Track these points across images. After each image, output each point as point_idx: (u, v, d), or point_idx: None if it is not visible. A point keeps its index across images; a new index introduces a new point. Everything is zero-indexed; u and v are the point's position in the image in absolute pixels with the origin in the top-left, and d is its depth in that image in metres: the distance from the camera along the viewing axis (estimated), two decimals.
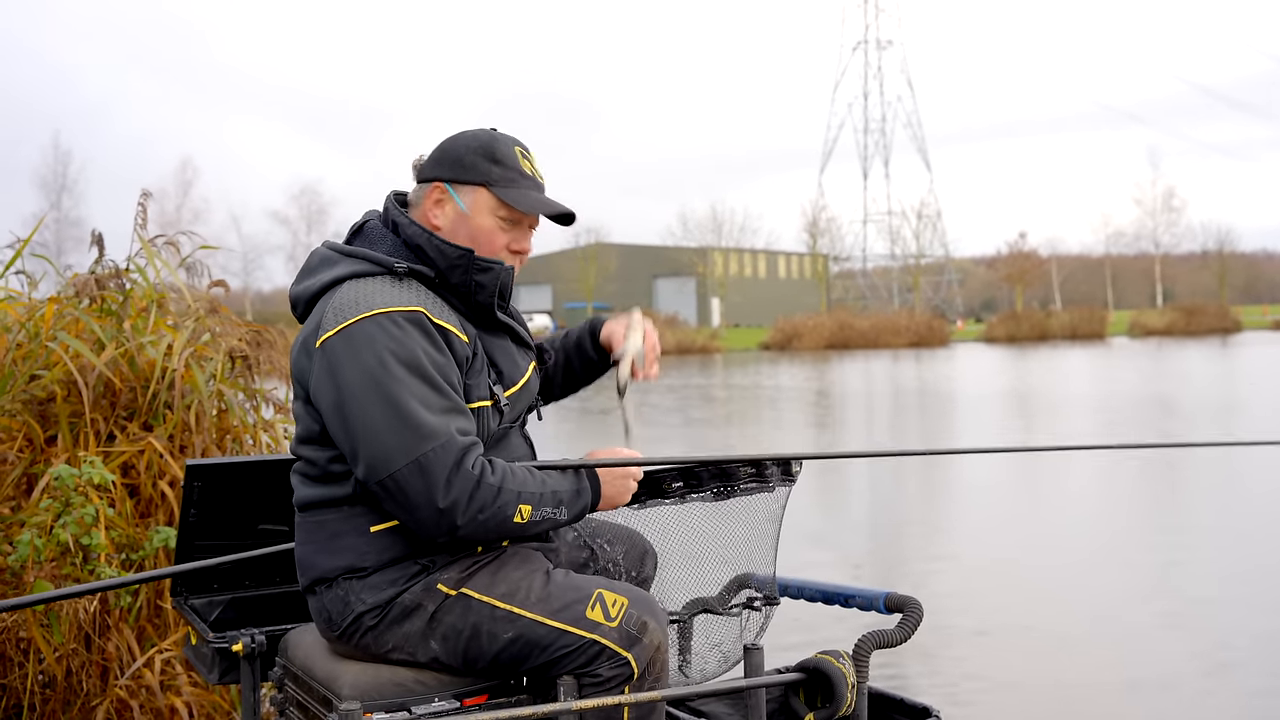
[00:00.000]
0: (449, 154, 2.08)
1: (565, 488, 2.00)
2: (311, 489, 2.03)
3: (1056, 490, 10.00)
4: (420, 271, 2.02)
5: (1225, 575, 6.55)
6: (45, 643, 3.23)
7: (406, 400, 1.87)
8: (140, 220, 4.11)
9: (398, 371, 1.88)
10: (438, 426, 1.87)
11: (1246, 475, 10.08)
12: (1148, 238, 79.86)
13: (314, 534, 2.03)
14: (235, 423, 3.94)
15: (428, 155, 2.11)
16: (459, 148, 2.08)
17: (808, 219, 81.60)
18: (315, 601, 2.04)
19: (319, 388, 1.95)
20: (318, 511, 2.02)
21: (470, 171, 2.06)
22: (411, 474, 1.85)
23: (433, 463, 1.85)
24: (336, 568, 1.99)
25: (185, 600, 2.47)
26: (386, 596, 1.97)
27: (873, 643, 2.07)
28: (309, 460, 2.03)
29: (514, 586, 1.99)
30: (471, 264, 2.02)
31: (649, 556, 2.34)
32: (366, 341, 1.90)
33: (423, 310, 1.95)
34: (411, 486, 1.86)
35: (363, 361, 1.89)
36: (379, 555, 1.98)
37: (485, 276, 2.04)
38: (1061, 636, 5.38)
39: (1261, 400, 17.71)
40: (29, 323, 3.81)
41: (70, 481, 3.17)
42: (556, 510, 1.98)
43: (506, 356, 2.10)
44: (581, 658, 1.96)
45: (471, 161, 2.06)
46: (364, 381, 1.89)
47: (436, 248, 2.03)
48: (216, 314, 4.21)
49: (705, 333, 53.74)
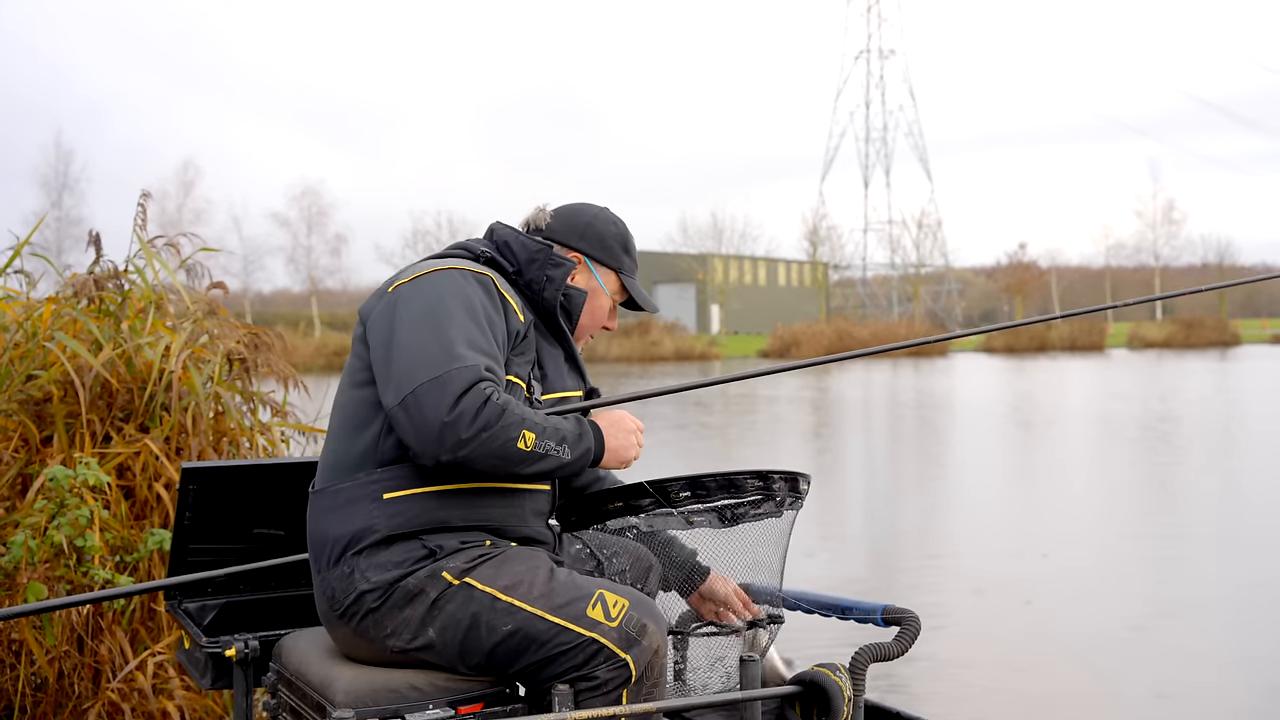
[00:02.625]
0: (593, 232, 2.32)
1: (568, 428, 2.06)
2: (335, 451, 2.10)
3: (1055, 502, 9.99)
4: (499, 261, 2.21)
5: (1224, 583, 6.54)
6: (37, 645, 3.22)
7: (450, 330, 1.98)
8: (140, 221, 4.10)
9: (452, 305, 2.02)
10: (468, 354, 1.96)
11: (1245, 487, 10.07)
12: (1148, 250, 79.90)
13: (329, 502, 2.06)
14: (232, 425, 3.93)
15: (552, 211, 2.34)
16: (602, 230, 2.33)
17: (808, 227, 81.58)
18: (320, 580, 2.06)
19: (377, 320, 2.07)
20: (335, 478, 2.07)
21: (610, 256, 2.32)
22: (432, 388, 1.92)
23: (453, 379, 1.93)
24: (345, 534, 2.02)
25: (179, 604, 2.46)
26: (391, 578, 1.98)
27: (870, 656, 2.06)
28: (343, 410, 2.11)
29: (517, 579, 2.00)
30: (548, 259, 2.23)
31: (654, 572, 2.33)
32: (433, 284, 2.07)
33: (491, 276, 2.13)
34: (429, 399, 1.92)
35: (424, 296, 2.05)
36: (389, 522, 2.00)
37: (557, 271, 2.22)
38: (1061, 649, 5.36)
39: (1260, 414, 17.73)
40: (26, 322, 3.80)
41: (65, 483, 3.16)
42: (560, 448, 2.01)
43: (555, 365, 2.23)
44: (579, 656, 1.95)
45: (612, 248, 2.33)
46: (420, 310, 2.02)
47: (520, 242, 2.24)
48: (215, 316, 4.20)
49: (705, 339, 53.76)
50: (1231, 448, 13.70)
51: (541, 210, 2.34)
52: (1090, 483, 10.92)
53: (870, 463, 13.23)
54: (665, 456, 12.18)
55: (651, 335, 47.56)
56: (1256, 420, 16.72)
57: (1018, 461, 13.25)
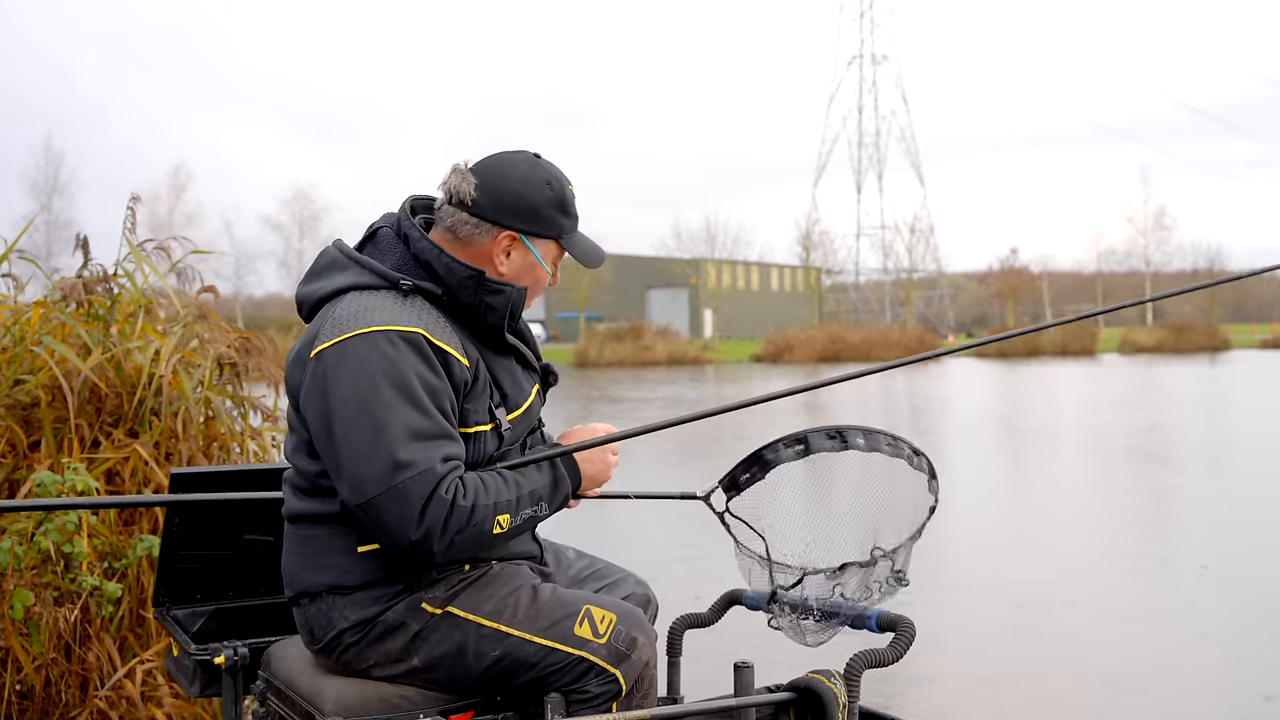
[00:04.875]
0: (522, 203, 2.02)
1: (542, 483, 1.98)
2: (301, 502, 2.00)
3: (1048, 509, 9.99)
4: (426, 289, 1.97)
5: (1222, 594, 6.54)
6: (24, 652, 3.19)
7: (390, 425, 1.82)
8: (129, 224, 4.07)
9: (386, 394, 1.84)
10: (417, 455, 1.82)
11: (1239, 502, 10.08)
12: (1139, 255, 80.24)
13: (301, 548, 2.00)
14: (222, 430, 3.90)
15: (476, 177, 2.01)
16: (533, 198, 2.02)
17: (801, 232, 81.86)
18: (299, 614, 2.02)
19: (309, 399, 1.92)
20: (306, 525, 1.99)
21: (545, 225, 2.04)
22: (388, 501, 1.81)
23: (410, 491, 1.81)
24: (321, 584, 1.97)
25: (167, 611, 2.44)
26: (370, 614, 1.94)
27: (864, 662, 2.04)
28: (299, 471, 2.00)
29: (501, 604, 1.97)
30: (482, 285, 1.97)
31: (651, 604, 2.32)
32: (360, 359, 1.86)
33: (422, 331, 1.90)
34: (388, 514, 1.82)
35: (353, 379, 1.86)
36: (363, 575, 1.95)
37: (497, 299, 1.99)
38: (1056, 656, 5.35)
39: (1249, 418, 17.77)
40: (14, 326, 3.77)
41: (53, 488, 3.13)
42: (536, 508, 1.96)
43: (511, 379, 2.06)
44: (569, 675, 1.94)
45: (548, 215, 2.04)
46: (352, 400, 1.85)
47: (446, 266, 1.97)
48: (205, 320, 4.17)
49: (698, 344, 53.73)
50: (1222, 454, 13.72)
51: (464, 176, 2.01)
52: (1081, 490, 10.92)
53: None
54: (662, 464, 12.15)
55: (644, 340, 47.51)
56: (1247, 426, 16.76)
57: (1009, 468, 13.25)
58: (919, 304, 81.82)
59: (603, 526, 7.57)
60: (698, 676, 2.50)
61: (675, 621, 2.44)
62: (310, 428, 1.94)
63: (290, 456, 2.03)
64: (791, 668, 2.18)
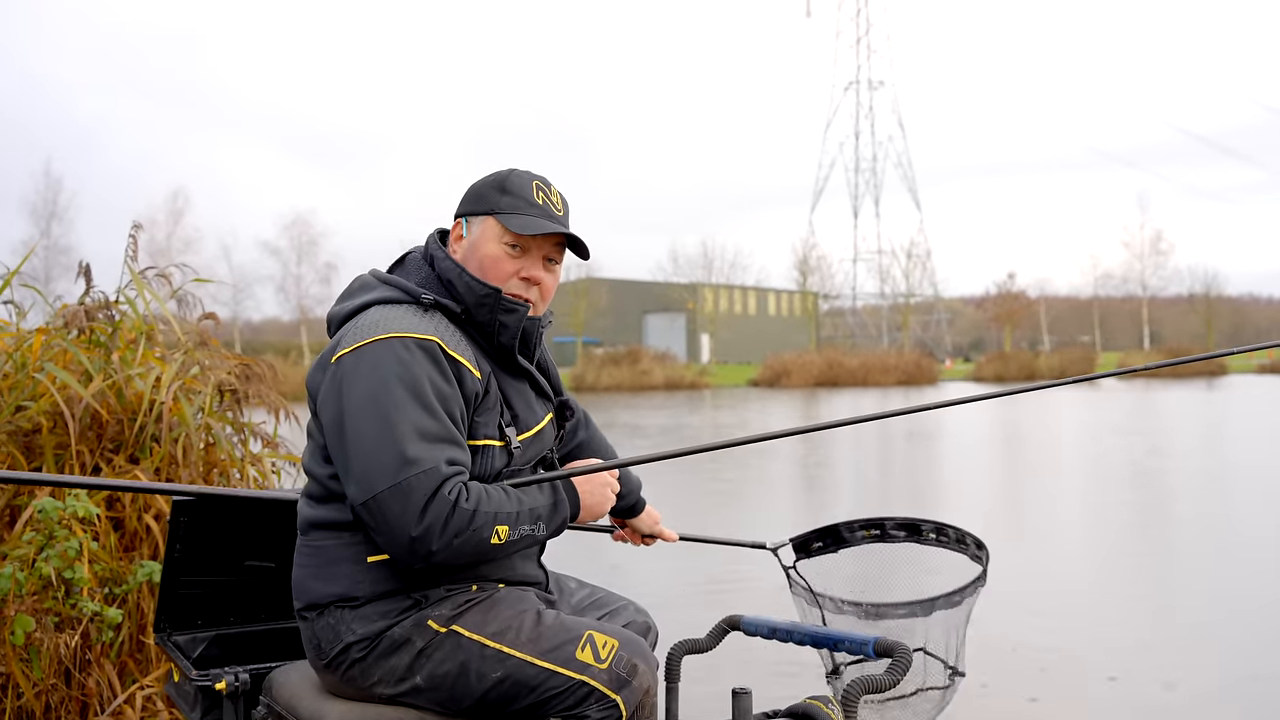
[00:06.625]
0: (470, 192, 2.17)
1: (542, 503, 2.01)
2: (314, 510, 2.05)
3: (1046, 531, 9.99)
4: (446, 305, 2.07)
5: (1217, 617, 6.54)
6: (24, 678, 3.19)
7: (400, 423, 1.88)
8: (131, 252, 4.10)
9: (398, 394, 1.90)
10: (424, 453, 1.88)
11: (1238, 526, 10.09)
12: (1135, 280, 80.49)
13: (312, 558, 2.04)
14: (223, 456, 3.92)
15: None
16: (478, 183, 2.17)
17: (798, 257, 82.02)
18: (306, 628, 2.05)
19: (325, 401, 2.00)
20: (318, 534, 2.04)
21: (481, 202, 2.14)
22: (392, 496, 1.86)
23: (413, 488, 1.85)
24: (330, 594, 2.00)
25: (168, 636, 2.45)
26: (377, 629, 1.97)
27: (861, 688, 2.05)
28: (315, 479, 2.05)
29: (505, 625, 1.99)
30: (498, 303, 2.07)
31: (651, 632, 2.35)
32: (375, 362, 1.94)
33: (437, 340, 1.98)
34: (390, 510, 1.86)
35: (368, 381, 1.93)
36: (373, 586, 1.98)
37: (510, 317, 2.08)
38: (1050, 680, 5.35)
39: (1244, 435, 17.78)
40: (16, 353, 3.80)
41: (54, 514, 3.14)
42: (535, 526, 1.99)
43: (523, 401, 2.13)
44: (570, 699, 1.95)
45: (484, 193, 2.14)
46: (365, 399, 1.92)
47: (466, 284, 2.08)
48: (206, 346, 4.20)
49: (695, 369, 53.80)
50: (1219, 476, 13.73)
51: None
52: (1079, 512, 10.93)
53: (860, 490, 13.22)
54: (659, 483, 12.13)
55: (642, 364, 47.61)
56: (1245, 451, 16.78)
57: (1006, 491, 13.26)
58: (916, 329, 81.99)
59: (609, 556, 7.56)
60: (696, 701, 2.51)
61: (673, 647, 2.46)
62: (325, 430, 2.00)
63: (307, 465, 2.09)
64: (789, 693, 2.20)
